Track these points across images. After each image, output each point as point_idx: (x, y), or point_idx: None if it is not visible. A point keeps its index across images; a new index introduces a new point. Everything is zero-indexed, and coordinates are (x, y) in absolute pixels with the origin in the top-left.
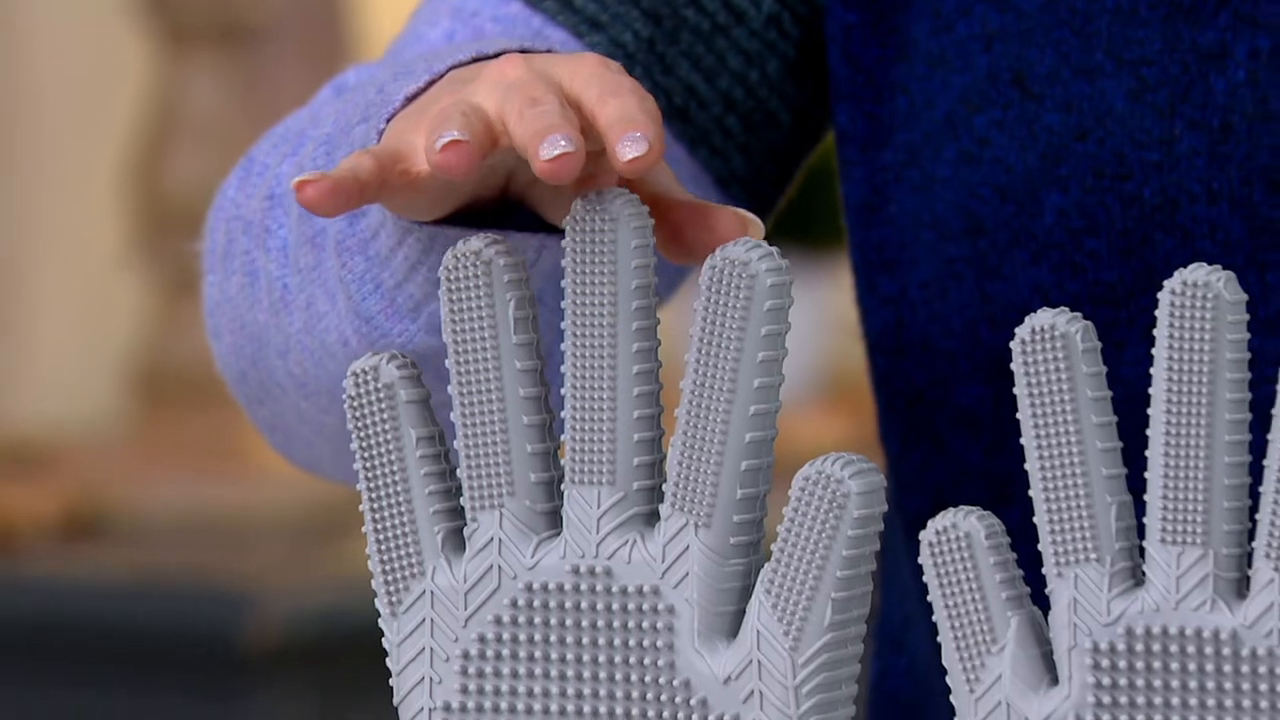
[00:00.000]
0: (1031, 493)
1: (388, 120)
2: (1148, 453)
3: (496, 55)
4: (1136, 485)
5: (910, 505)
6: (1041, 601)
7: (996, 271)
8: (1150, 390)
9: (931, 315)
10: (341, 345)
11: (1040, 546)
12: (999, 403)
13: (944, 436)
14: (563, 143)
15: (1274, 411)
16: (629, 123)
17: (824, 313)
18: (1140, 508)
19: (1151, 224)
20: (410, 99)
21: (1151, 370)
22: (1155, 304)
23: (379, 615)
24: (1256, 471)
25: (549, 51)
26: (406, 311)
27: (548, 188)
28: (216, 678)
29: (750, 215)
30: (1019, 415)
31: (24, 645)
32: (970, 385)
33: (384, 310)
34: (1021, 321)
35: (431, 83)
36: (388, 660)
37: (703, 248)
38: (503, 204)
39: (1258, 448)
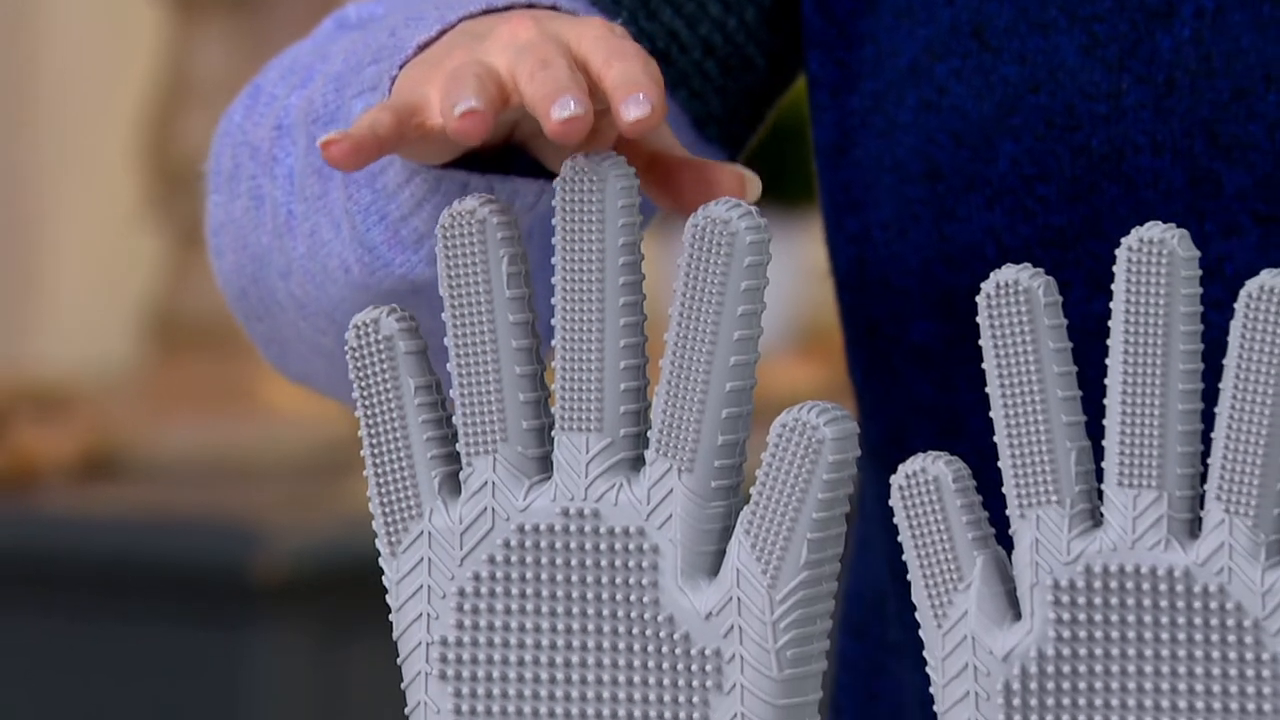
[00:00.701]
0: (996, 438)
1: (400, 67)
2: (1106, 401)
3: (506, 8)
4: (1088, 415)
5: (871, 433)
6: (1005, 542)
7: (952, 214)
8: (1108, 341)
9: (891, 254)
10: (343, 272)
11: (1004, 489)
12: (950, 340)
13: (899, 370)
14: (572, 105)
15: (1224, 362)
16: (633, 85)
17: (798, 264)
18: (1098, 452)
19: (1099, 172)
20: (422, 47)
21: (1110, 323)
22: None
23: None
24: (1208, 418)
25: (553, 7)
26: (410, 244)
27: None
28: (225, 609)
29: (748, 172)
30: (984, 365)
31: (44, 577)
32: (925, 322)
33: (387, 241)
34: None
35: (443, 32)
36: (388, 597)
37: (701, 204)
38: (505, 149)
39: (1208, 395)
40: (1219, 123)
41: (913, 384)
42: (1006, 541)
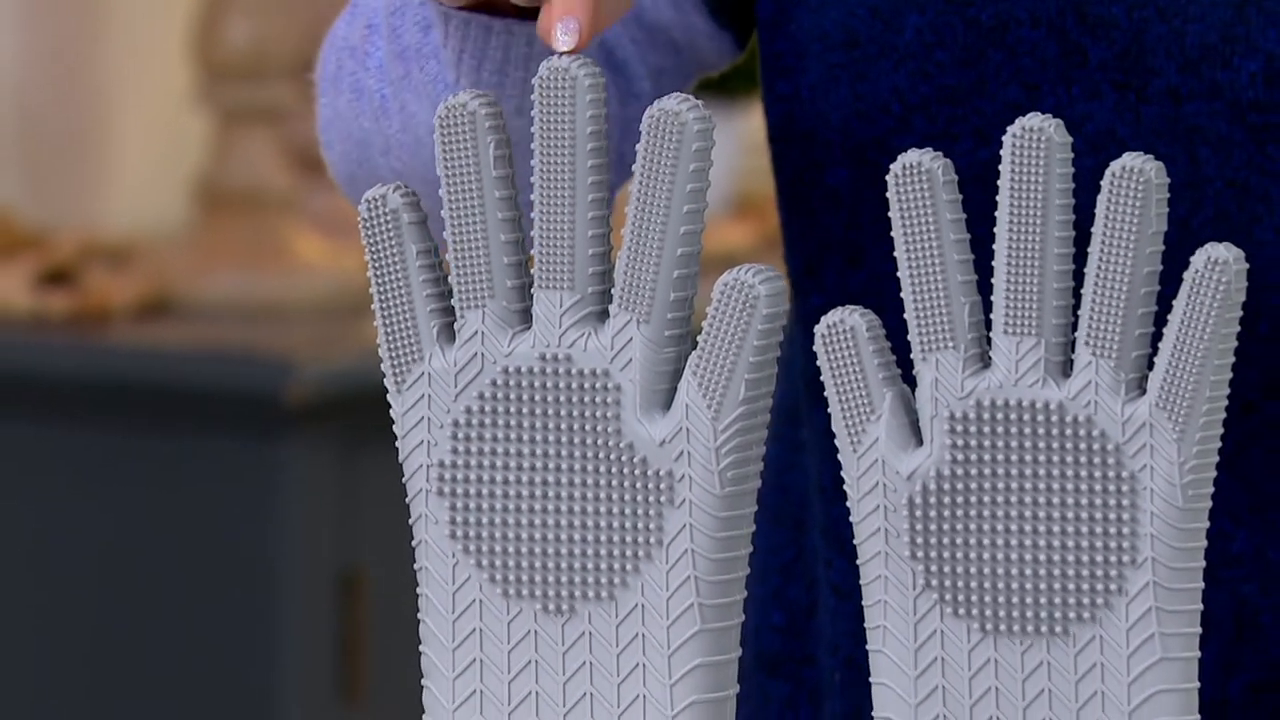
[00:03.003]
0: (902, 294)
1: None
2: (994, 263)
3: None
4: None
5: (792, 265)
6: (909, 380)
7: (865, 76)
8: (995, 214)
9: (815, 112)
10: (429, 135)
11: (909, 337)
12: (857, 183)
13: (816, 210)
14: (574, 28)
15: (1092, 230)
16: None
17: (735, 144)
18: (988, 305)
19: (986, 41)
20: None
21: (997, 198)
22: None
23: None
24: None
25: None
26: None
27: None
28: (262, 427)
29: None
30: (892, 234)
31: (113, 400)
32: (839, 169)
33: None
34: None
35: None
36: (394, 426)
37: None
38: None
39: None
40: (1087, 3)
41: (826, 222)
42: (911, 380)
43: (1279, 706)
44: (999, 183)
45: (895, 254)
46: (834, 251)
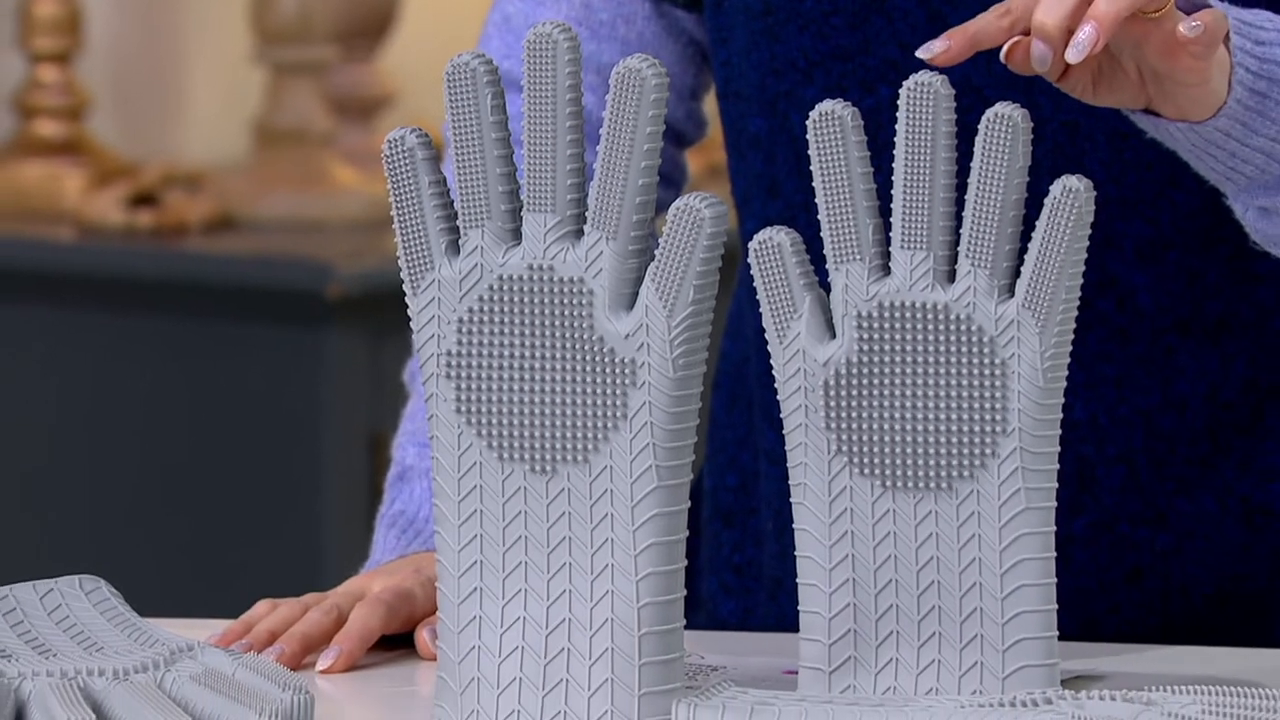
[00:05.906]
0: (820, 217)
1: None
2: (892, 190)
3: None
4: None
5: (735, 198)
6: (825, 286)
7: (779, 38)
8: (894, 152)
9: (742, 73)
10: None
11: (825, 251)
12: (772, 130)
13: (744, 153)
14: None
15: (971, 165)
16: (340, 639)
17: None
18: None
19: (869, 9)
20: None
21: (895, 139)
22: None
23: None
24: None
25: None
26: None
27: None
28: (308, 319)
29: None
30: (811, 168)
31: (187, 298)
32: (758, 119)
33: None
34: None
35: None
36: (410, 322)
37: None
38: None
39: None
40: None
41: (750, 162)
42: (826, 286)
43: (1113, 541)
44: (896, 125)
45: (813, 184)
46: (758, 185)
